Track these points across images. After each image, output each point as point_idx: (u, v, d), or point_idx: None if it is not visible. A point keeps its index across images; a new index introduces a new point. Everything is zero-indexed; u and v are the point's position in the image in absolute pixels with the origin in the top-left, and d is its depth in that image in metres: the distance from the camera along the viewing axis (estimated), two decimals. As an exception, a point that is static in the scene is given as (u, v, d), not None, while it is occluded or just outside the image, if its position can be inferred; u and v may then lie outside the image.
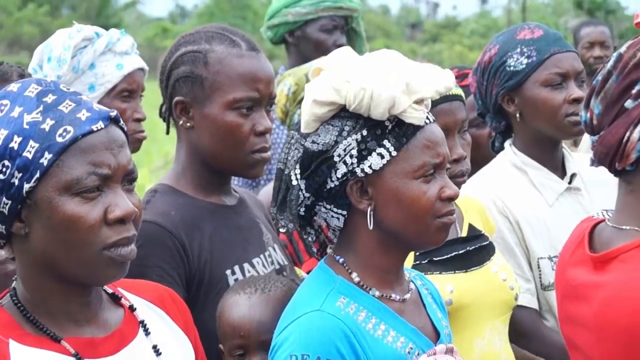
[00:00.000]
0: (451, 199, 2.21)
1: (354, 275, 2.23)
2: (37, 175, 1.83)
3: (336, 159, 2.19)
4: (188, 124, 2.62)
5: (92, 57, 3.29)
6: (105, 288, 2.03)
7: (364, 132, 2.19)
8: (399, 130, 2.19)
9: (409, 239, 2.23)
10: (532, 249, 3.20)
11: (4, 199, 1.85)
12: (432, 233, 2.22)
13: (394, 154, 2.18)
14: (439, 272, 2.75)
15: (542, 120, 3.26)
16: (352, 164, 2.19)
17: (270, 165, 4.40)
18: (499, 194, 3.22)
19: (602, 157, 2.17)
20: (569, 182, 3.31)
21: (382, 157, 2.18)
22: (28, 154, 1.83)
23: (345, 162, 2.19)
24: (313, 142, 2.21)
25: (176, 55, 2.63)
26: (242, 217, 2.69)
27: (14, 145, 1.83)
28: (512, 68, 3.25)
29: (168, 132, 2.76)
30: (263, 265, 2.64)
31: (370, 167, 2.18)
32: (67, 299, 1.92)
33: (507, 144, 3.36)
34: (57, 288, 1.91)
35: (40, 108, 1.86)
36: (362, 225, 2.22)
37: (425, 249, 2.53)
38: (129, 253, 1.90)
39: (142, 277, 2.24)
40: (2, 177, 1.84)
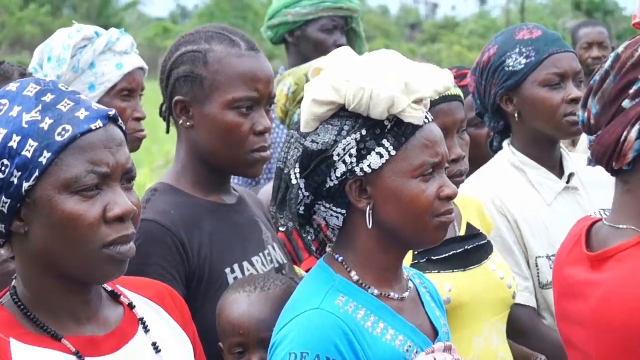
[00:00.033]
0: (450, 198, 2.21)
1: (353, 273, 2.23)
2: (37, 174, 1.83)
3: (336, 158, 2.19)
4: (188, 124, 2.62)
5: (92, 57, 3.29)
6: (105, 286, 2.02)
7: (364, 132, 2.19)
8: (398, 130, 2.19)
9: (408, 237, 2.23)
10: (531, 248, 3.20)
11: (3, 198, 1.84)
12: (431, 232, 2.22)
13: (393, 153, 2.18)
14: (437, 271, 2.75)
15: (540, 120, 3.26)
16: (351, 163, 2.19)
17: (270, 165, 4.39)
18: (498, 193, 3.22)
19: (600, 157, 2.16)
20: (567, 182, 3.31)
21: (382, 156, 2.18)
22: (27, 153, 1.82)
23: (344, 162, 2.19)
24: (313, 141, 2.21)
25: (176, 55, 2.63)
26: (241, 216, 2.69)
27: (13, 144, 1.83)
28: (510, 68, 3.25)
29: (168, 132, 2.76)
30: (262, 263, 2.64)
31: (369, 166, 2.18)
32: (67, 298, 1.92)
33: (506, 143, 3.36)
34: (57, 286, 1.91)
35: (39, 107, 1.86)
36: (361, 224, 2.22)
37: (424, 247, 2.54)
38: (128, 251, 1.89)
39: (142, 275, 2.24)
40: (1, 176, 1.83)
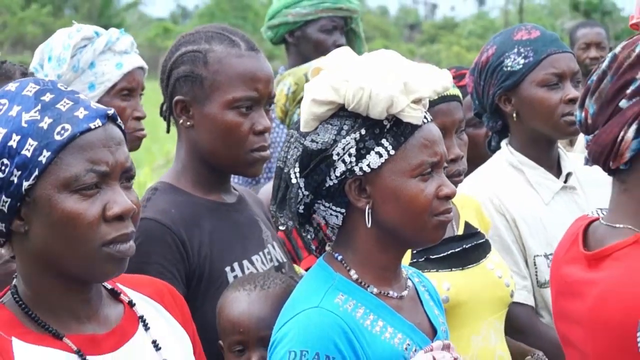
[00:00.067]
0: (448, 197, 2.22)
1: (353, 272, 2.23)
2: (36, 173, 1.82)
3: (335, 157, 2.19)
4: (188, 123, 2.62)
5: (91, 56, 3.29)
6: (105, 284, 2.02)
7: (363, 131, 2.19)
8: (397, 130, 2.19)
9: (407, 236, 2.23)
10: (529, 247, 3.20)
11: (3, 197, 1.84)
12: (430, 231, 2.22)
13: (392, 152, 2.18)
14: (435, 270, 2.75)
15: (538, 119, 3.26)
16: (350, 162, 2.19)
17: (270, 164, 4.39)
18: (496, 192, 3.23)
19: (597, 156, 2.16)
20: (565, 181, 3.31)
21: (381, 155, 2.18)
22: (27, 152, 1.82)
23: (344, 161, 2.19)
24: (312, 140, 2.21)
25: (176, 55, 2.63)
26: (241, 214, 2.69)
27: (13, 143, 1.83)
28: (509, 68, 3.25)
29: (168, 131, 2.76)
30: (262, 262, 2.64)
31: (368, 165, 2.18)
32: (67, 296, 1.92)
33: (504, 143, 3.36)
34: (57, 285, 1.90)
35: (39, 107, 1.85)
36: (361, 223, 2.22)
37: (423, 246, 2.54)
38: (127, 249, 1.89)
39: (142, 273, 2.23)
40: (1, 175, 1.83)
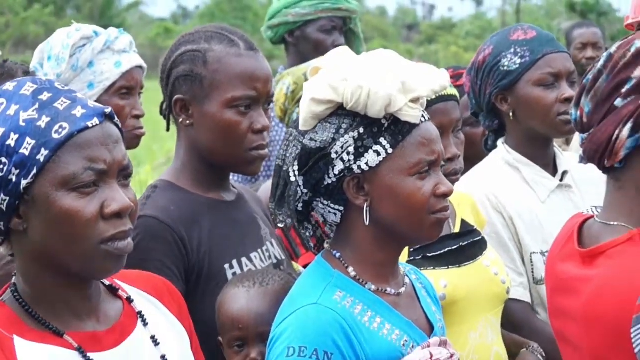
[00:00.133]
0: (446, 195, 2.22)
1: (351, 269, 2.23)
2: (34, 171, 1.82)
3: (333, 156, 2.19)
4: (188, 122, 2.62)
5: (90, 56, 3.29)
6: (103, 280, 2.01)
7: (361, 130, 2.19)
8: (395, 128, 2.19)
9: (404, 234, 2.23)
10: (525, 244, 3.20)
11: (2, 196, 1.83)
12: (427, 228, 2.22)
13: (390, 151, 2.18)
14: (432, 268, 2.75)
15: (534, 119, 3.26)
16: (349, 160, 2.19)
17: (270, 162, 4.39)
18: (493, 190, 3.23)
19: (592, 155, 2.16)
20: (560, 180, 3.31)
21: (379, 154, 2.18)
22: (25, 151, 1.82)
23: (342, 159, 2.19)
24: (311, 139, 2.21)
25: (176, 54, 2.63)
26: (240, 212, 2.69)
27: (11, 142, 1.82)
28: (505, 68, 3.25)
29: (168, 129, 2.76)
30: (261, 259, 2.64)
31: (366, 164, 2.18)
32: (67, 293, 1.91)
33: (500, 142, 3.36)
34: (57, 282, 1.90)
35: (36, 106, 1.85)
36: (359, 221, 2.22)
37: (420, 244, 2.54)
38: (125, 247, 1.89)
39: (142, 270, 2.23)
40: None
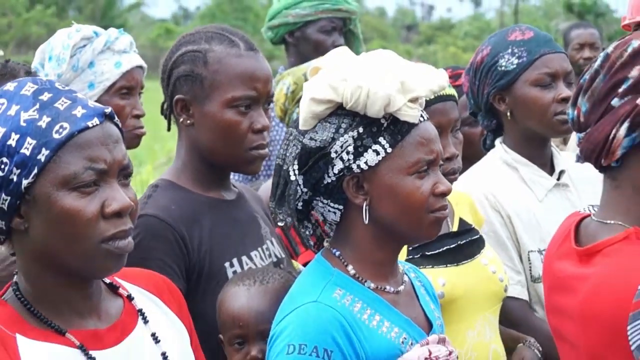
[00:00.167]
0: (444, 194, 2.22)
1: (350, 267, 2.23)
2: (35, 171, 1.82)
3: (333, 155, 2.19)
4: (188, 122, 2.62)
5: (91, 56, 3.29)
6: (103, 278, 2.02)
7: (360, 130, 2.19)
8: (394, 128, 2.19)
9: (403, 232, 2.23)
10: (523, 243, 3.20)
11: (3, 195, 1.83)
12: (426, 227, 2.22)
13: (389, 150, 2.18)
14: (431, 266, 2.75)
15: (531, 118, 3.26)
16: (348, 160, 2.19)
17: (270, 162, 4.39)
18: (491, 190, 3.23)
19: (589, 154, 2.17)
20: (558, 179, 3.31)
21: (378, 153, 2.18)
22: (26, 151, 1.82)
23: (342, 158, 2.19)
24: (311, 138, 2.21)
25: (177, 54, 2.63)
26: (241, 211, 2.69)
27: (12, 142, 1.82)
28: (503, 68, 3.25)
29: (169, 129, 2.76)
30: (261, 258, 2.64)
31: (366, 163, 2.18)
32: (68, 292, 1.91)
33: (498, 141, 3.36)
34: (58, 281, 1.90)
35: (37, 106, 1.85)
36: (358, 220, 2.22)
37: (419, 242, 2.54)
38: (126, 245, 1.89)
39: (144, 268, 2.23)
40: (1, 173, 1.82)
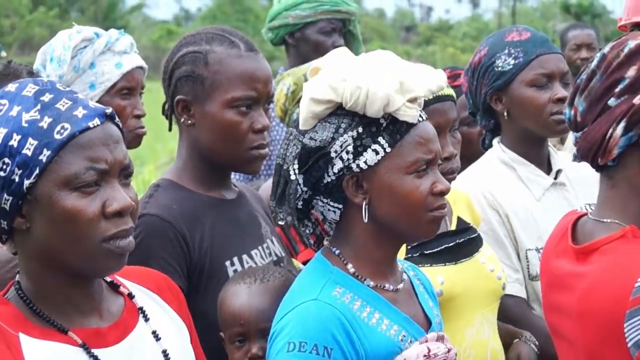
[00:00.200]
0: (443, 193, 2.22)
1: (350, 266, 2.24)
2: (37, 171, 1.82)
3: (333, 154, 2.19)
4: (189, 122, 2.62)
5: (91, 57, 3.29)
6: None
7: (360, 129, 2.19)
8: (393, 128, 2.19)
9: (402, 231, 2.23)
10: (521, 241, 3.20)
11: (5, 195, 1.83)
12: (425, 226, 2.22)
13: (388, 150, 2.18)
14: (429, 265, 2.75)
15: (527, 118, 3.26)
16: (348, 159, 2.19)
17: (270, 161, 4.39)
18: (489, 188, 3.23)
19: (585, 153, 2.17)
20: (555, 178, 3.32)
21: (377, 153, 2.18)
22: (27, 151, 1.82)
23: (341, 158, 2.19)
24: (311, 138, 2.21)
25: (178, 55, 2.63)
26: (241, 210, 2.69)
27: (14, 143, 1.82)
28: (499, 68, 3.25)
29: (170, 129, 2.76)
30: (261, 256, 2.64)
31: (365, 162, 2.19)
32: (70, 290, 1.91)
33: (496, 141, 3.36)
34: (60, 280, 1.90)
35: (38, 107, 1.85)
36: (358, 218, 2.22)
37: (418, 241, 2.54)
38: (127, 245, 1.89)
39: (145, 267, 2.23)
40: (2, 174, 1.83)
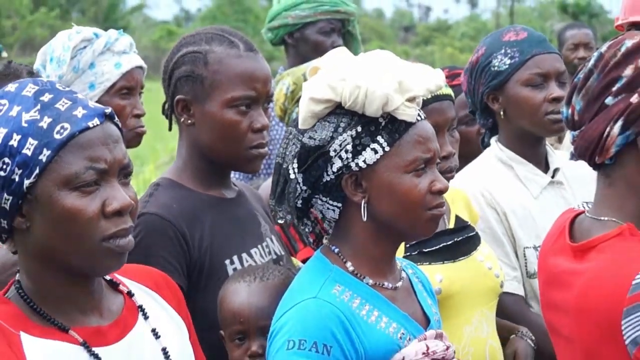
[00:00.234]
0: (441, 192, 2.22)
1: (349, 264, 2.24)
2: (37, 171, 1.82)
3: (332, 153, 2.19)
4: (189, 121, 2.62)
5: (91, 57, 3.29)
6: None
7: (359, 129, 2.19)
8: (391, 127, 2.19)
9: (401, 229, 2.23)
10: (519, 239, 3.20)
11: (5, 195, 1.83)
12: (423, 224, 2.22)
13: (387, 149, 2.19)
14: (428, 263, 2.75)
15: (523, 118, 3.26)
16: (347, 158, 2.19)
17: (270, 160, 4.39)
18: (487, 187, 3.23)
19: (583, 151, 2.17)
20: (552, 176, 3.32)
21: (376, 152, 2.19)
22: (27, 151, 1.81)
23: (340, 157, 2.19)
24: (310, 137, 2.21)
25: (178, 55, 2.63)
26: (241, 209, 2.69)
27: (14, 143, 1.82)
28: (496, 68, 3.25)
29: (170, 129, 2.76)
30: (261, 255, 2.64)
31: (364, 161, 2.19)
32: (70, 289, 1.91)
33: (493, 140, 3.37)
34: (60, 279, 1.90)
35: (38, 107, 1.85)
36: (357, 217, 2.22)
37: (417, 239, 2.54)
38: (127, 244, 1.88)
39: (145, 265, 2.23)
40: (2, 174, 1.82)
